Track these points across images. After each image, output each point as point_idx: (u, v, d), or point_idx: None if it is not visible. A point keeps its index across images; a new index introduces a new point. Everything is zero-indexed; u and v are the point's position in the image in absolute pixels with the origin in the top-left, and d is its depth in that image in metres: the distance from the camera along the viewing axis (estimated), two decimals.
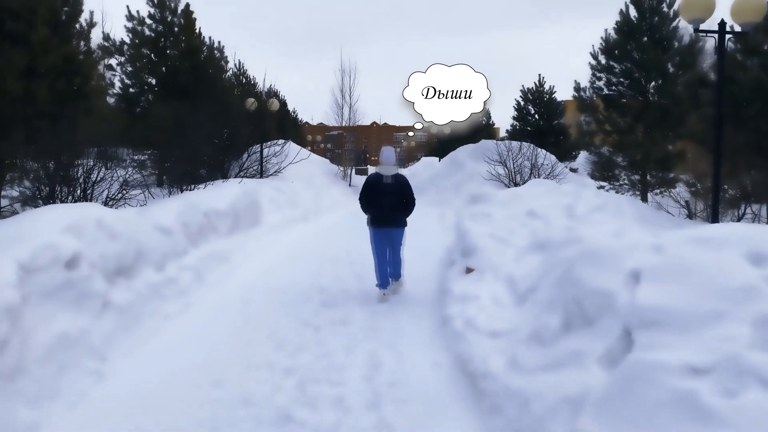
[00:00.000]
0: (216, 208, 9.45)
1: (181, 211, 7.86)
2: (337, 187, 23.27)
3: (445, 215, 15.84)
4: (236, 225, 10.18)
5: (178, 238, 7.35)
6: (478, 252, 7.08)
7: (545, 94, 27.84)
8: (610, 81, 16.79)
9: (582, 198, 8.25)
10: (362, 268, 8.86)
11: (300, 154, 20.16)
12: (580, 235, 5.45)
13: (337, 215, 16.91)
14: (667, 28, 16.02)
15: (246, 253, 9.32)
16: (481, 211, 8.26)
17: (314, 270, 8.57)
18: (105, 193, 9.80)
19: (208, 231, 8.78)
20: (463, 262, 7.22)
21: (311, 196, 17.88)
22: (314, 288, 7.48)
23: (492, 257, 6.75)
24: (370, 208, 6.98)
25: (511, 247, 6.92)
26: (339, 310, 6.52)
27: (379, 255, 6.99)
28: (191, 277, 6.95)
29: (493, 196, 8.65)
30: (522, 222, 7.73)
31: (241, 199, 10.83)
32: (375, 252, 7.02)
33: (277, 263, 9.03)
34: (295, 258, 9.52)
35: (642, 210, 8.11)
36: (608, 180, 17.09)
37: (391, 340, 5.45)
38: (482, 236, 7.43)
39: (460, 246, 7.74)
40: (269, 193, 14.18)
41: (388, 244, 7.03)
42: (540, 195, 8.53)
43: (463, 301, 5.69)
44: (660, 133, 15.73)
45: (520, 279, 5.69)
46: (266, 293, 7.15)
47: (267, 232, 11.40)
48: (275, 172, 18.58)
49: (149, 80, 20.38)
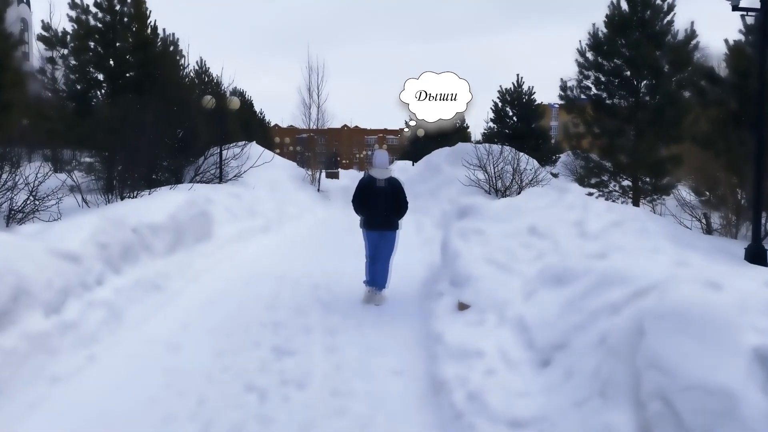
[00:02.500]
0: (151, 222, 7.81)
1: (97, 229, 6.22)
2: (305, 192, 21.63)
3: (422, 224, 14.40)
4: (179, 241, 8.55)
5: (90, 264, 5.72)
6: (472, 282, 5.61)
7: (524, 95, 26.59)
8: (598, 80, 15.54)
9: (591, 211, 6.86)
10: (327, 292, 7.35)
11: (263, 156, 18.46)
12: (618, 267, 4.02)
13: (302, 225, 15.32)
14: (660, 22, 14.86)
15: (188, 277, 7.70)
16: (472, 227, 6.80)
17: (270, 298, 7.01)
18: (8, 204, 8.04)
19: (138, 251, 7.14)
20: (454, 295, 5.74)
21: (275, 203, 16.24)
22: (267, 325, 5.92)
23: (492, 290, 5.29)
24: (363, 210, 6.97)
25: (516, 276, 5.47)
26: (296, 359, 4.99)
27: (371, 255, 6.99)
28: (103, 316, 5.33)
29: (485, 209, 7.20)
30: (524, 242, 6.29)
31: (185, 210, 9.19)
32: (367, 251, 7.04)
33: (225, 289, 7.43)
34: (249, 281, 7.92)
35: (668, 226, 6.75)
36: (597, 186, 15.85)
37: (366, 416, 3.93)
38: (476, 260, 5.97)
39: (449, 272, 6.26)
40: (225, 201, 12.53)
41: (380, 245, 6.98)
42: (541, 207, 7.12)
43: (462, 357, 4.20)
44: (654, 136, 14.53)
45: (537, 326, 4.24)
46: (204, 335, 5.57)
47: (218, 247, 9.77)
48: (234, 177, 16.89)
49: (96, 75, 18.49)
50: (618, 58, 15.20)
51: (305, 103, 25.59)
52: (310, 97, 25.48)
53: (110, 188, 14.01)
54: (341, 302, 6.89)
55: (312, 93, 25.45)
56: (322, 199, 22.35)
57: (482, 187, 17.79)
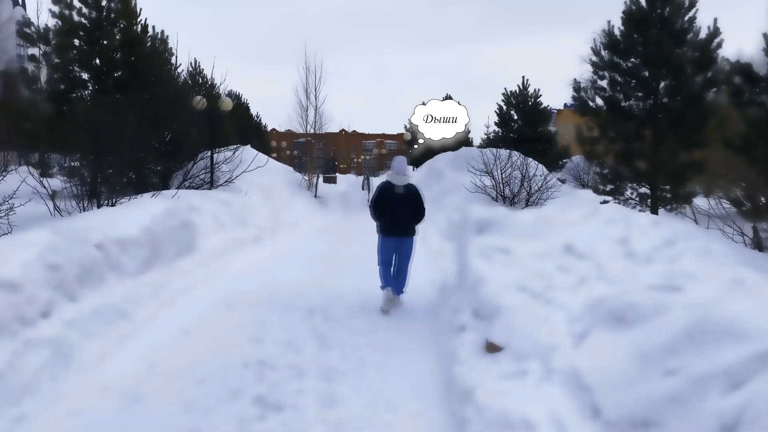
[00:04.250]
0: (121, 236, 6.76)
1: (48, 247, 5.17)
2: (301, 198, 20.54)
3: (426, 234, 13.32)
4: (155, 257, 7.50)
5: (33, 292, 4.66)
6: (502, 315, 4.57)
7: (530, 98, 25.54)
8: (614, 80, 14.54)
9: (635, 226, 5.82)
10: (324, 320, 6.31)
11: (256, 160, 17.37)
12: (719, 311, 3.00)
13: (298, 235, 14.27)
14: (681, 19, 13.88)
15: (162, 300, 6.65)
16: (496, 245, 5.76)
17: (256, 327, 5.95)
18: None
19: (103, 271, 6.08)
20: (480, 330, 4.70)
21: (268, 210, 15.18)
22: (250, 365, 4.86)
23: (530, 327, 4.25)
24: (381, 216, 6.92)
25: (557, 309, 4.43)
26: (283, 417, 3.95)
27: (384, 262, 6.92)
28: (44, 359, 4.27)
29: (510, 222, 6.16)
30: (560, 264, 5.25)
31: (165, 220, 8.14)
32: (381, 258, 6.93)
33: (204, 315, 6.37)
34: (233, 304, 6.85)
35: (733, 246, 5.72)
36: (612, 194, 14.82)
37: None
38: (505, 287, 4.93)
39: (471, 300, 5.22)
40: (213, 209, 11.46)
41: (395, 253, 6.95)
42: (575, 221, 6.08)
43: (504, 429, 3.16)
44: (675, 140, 13.53)
45: (601, 386, 3.20)
46: (172, 381, 4.51)
47: (202, 262, 8.72)
48: (225, 182, 15.81)
49: (80, 74, 17.45)
50: (635, 57, 14.20)
51: (302, 105, 24.49)
52: (308, 99, 24.38)
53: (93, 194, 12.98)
54: (341, 332, 5.85)
55: (309, 94, 24.35)
56: (319, 206, 21.28)
57: (489, 193, 16.78)
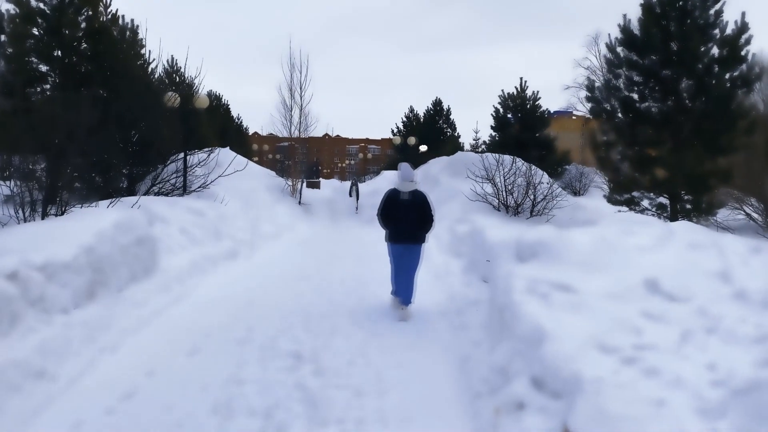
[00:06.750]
0: (48, 261, 5.14)
1: None
2: (284, 205, 18.92)
3: (426, 247, 11.80)
4: (100, 284, 5.89)
5: None
6: (584, 391, 3.07)
7: (528, 101, 24.17)
8: (630, 79, 13.23)
9: (731, 253, 4.37)
10: (314, 372, 4.75)
11: (234, 163, 15.74)
12: None
13: (280, 247, 12.65)
14: (706, 13, 12.61)
15: (101, 345, 5.04)
16: (550, 279, 4.26)
17: (223, 385, 4.37)
18: None
19: (17, 311, 4.48)
20: (550, 413, 3.20)
21: (247, 219, 13.57)
22: None
23: (639, 419, 2.76)
24: (389, 224, 6.84)
25: (673, 387, 2.95)
26: None
27: (396, 268, 6.82)
28: None
29: (563, 246, 4.66)
30: (645, 309, 3.77)
31: (114, 237, 6.53)
32: (393, 265, 6.89)
33: (155, 367, 4.74)
34: (194, 348, 5.23)
35: None
36: (627, 204, 13.46)
37: None
38: (582, 347, 3.43)
39: (527, 360, 3.71)
40: (181, 220, 9.85)
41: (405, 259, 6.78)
42: (648, 245, 4.61)
43: None
44: (701, 145, 12.22)
45: None
46: None
47: (163, 287, 7.11)
48: (200, 188, 14.17)
49: (38, 67, 15.72)
50: (654, 54, 12.87)
51: (286, 105, 22.80)
52: (292, 98, 22.72)
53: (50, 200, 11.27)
54: (338, 397, 4.29)
55: (294, 93, 22.70)
56: (304, 214, 19.67)
57: (490, 202, 15.36)
